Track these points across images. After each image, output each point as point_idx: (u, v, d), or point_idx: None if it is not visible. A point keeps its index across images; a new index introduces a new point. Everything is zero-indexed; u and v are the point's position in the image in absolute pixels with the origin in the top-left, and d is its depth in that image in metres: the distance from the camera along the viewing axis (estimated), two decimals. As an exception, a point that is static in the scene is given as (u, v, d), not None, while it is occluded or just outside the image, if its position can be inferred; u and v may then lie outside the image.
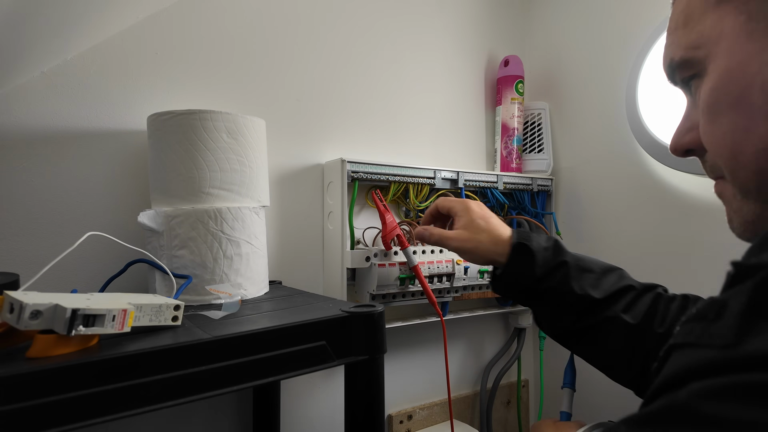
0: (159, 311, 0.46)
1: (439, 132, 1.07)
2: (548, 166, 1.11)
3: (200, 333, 0.45)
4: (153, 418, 0.73)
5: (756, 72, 0.28)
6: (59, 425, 0.35)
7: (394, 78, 1.00)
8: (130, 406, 0.38)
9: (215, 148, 0.62)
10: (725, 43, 0.30)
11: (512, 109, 1.09)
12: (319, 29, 0.90)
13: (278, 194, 0.85)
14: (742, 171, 0.31)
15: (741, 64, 0.29)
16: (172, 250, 0.60)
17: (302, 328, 0.49)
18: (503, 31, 1.18)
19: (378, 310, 0.53)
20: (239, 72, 0.81)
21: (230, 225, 0.62)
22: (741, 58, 0.29)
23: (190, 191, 0.61)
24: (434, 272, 0.89)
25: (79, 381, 0.36)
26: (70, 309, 0.37)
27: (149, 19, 0.73)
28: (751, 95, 0.29)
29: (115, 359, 0.38)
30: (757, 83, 0.28)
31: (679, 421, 0.17)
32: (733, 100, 0.30)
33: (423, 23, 1.04)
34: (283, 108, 0.86)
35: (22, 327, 0.37)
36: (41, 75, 0.66)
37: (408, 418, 0.99)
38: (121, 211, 0.71)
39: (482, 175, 1.01)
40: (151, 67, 0.74)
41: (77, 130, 0.68)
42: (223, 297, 0.57)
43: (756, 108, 0.29)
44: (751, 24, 0.29)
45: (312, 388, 0.88)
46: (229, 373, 0.44)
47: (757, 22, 0.28)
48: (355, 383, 0.53)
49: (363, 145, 0.95)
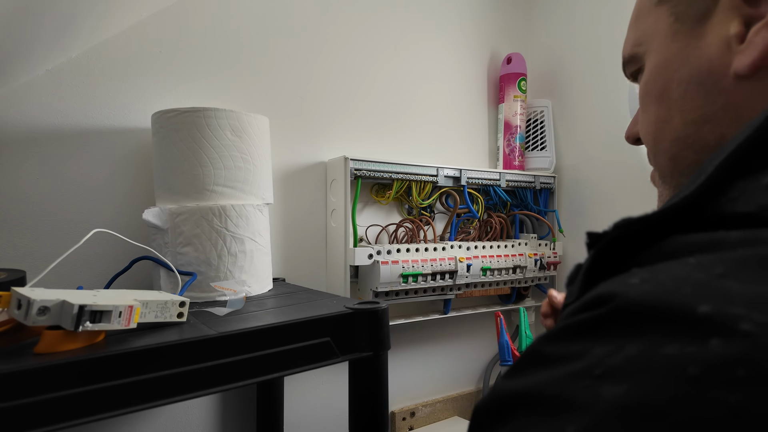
0: (164, 308, 0.46)
1: (442, 130, 1.07)
2: (551, 163, 1.11)
3: (205, 329, 0.45)
4: (158, 414, 0.73)
5: (676, 69, 0.31)
6: (66, 420, 0.35)
7: (397, 76, 1.00)
8: (136, 401, 0.39)
9: (219, 146, 0.62)
10: (657, 41, 0.33)
11: (515, 107, 1.09)
12: (322, 27, 0.90)
13: (282, 192, 0.85)
14: (662, 157, 0.34)
15: (666, 61, 0.32)
16: (176, 247, 0.60)
17: (307, 325, 0.49)
18: (506, 29, 1.18)
19: (382, 307, 0.53)
20: (243, 70, 0.82)
21: (234, 222, 0.62)
22: (666, 56, 0.32)
23: (194, 189, 0.61)
24: (437, 269, 0.89)
25: (86, 376, 0.37)
26: (77, 305, 0.38)
27: (153, 18, 0.73)
28: (671, 90, 0.32)
29: (122, 355, 0.39)
30: (676, 79, 0.31)
31: (527, 363, 0.20)
32: (658, 93, 0.33)
33: (426, 21, 1.04)
34: (287, 106, 0.86)
35: (29, 323, 0.37)
36: (46, 73, 0.66)
37: (411, 414, 0.99)
38: (125, 209, 0.71)
39: (485, 173, 1.01)
40: (156, 65, 0.74)
41: (82, 128, 0.69)
42: (227, 294, 0.57)
43: (673, 102, 0.31)
44: (677, 25, 0.31)
45: (316, 384, 0.88)
46: (234, 369, 0.44)
47: (682, 24, 0.31)
48: (359, 379, 0.54)
49: (366, 143, 0.96)
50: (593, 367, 0.17)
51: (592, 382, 0.17)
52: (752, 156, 0.21)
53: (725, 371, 0.15)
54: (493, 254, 0.98)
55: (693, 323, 0.16)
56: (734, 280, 0.17)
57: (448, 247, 0.93)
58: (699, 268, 0.18)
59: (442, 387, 1.05)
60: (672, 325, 0.17)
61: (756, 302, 0.16)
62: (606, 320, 0.18)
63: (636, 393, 0.16)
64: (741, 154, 0.21)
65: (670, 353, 0.16)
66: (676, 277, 0.18)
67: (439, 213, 1.02)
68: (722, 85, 0.28)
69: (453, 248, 0.94)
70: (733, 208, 0.21)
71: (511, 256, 1.00)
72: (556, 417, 0.17)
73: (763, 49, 0.26)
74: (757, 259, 0.17)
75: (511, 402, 0.19)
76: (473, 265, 0.94)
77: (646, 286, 0.18)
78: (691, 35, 0.30)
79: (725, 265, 0.18)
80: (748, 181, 0.21)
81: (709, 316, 0.16)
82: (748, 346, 0.15)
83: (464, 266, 0.92)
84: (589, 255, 0.24)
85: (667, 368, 0.16)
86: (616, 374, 0.17)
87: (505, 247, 1.01)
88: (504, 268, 0.99)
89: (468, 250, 0.96)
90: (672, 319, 0.17)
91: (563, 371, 0.18)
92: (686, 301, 0.17)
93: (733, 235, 0.19)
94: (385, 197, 0.92)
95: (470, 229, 1.02)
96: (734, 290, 0.16)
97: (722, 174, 0.22)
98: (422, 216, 0.96)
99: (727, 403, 0.14)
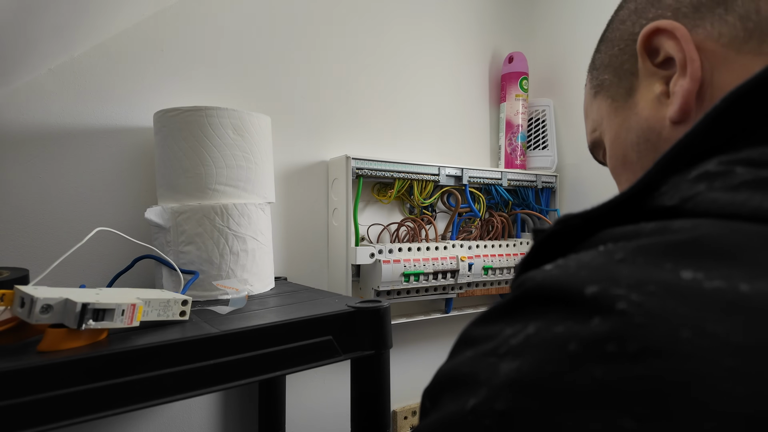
0: (167, 306, 0.47)
1: (444, 129, 1.07)
2: (552, 162, 1.11)
3: (208, 327, 0.45)
4: (160, 412, 0.73)
5: (625, 137, 0.36)
6: (70, 417, 0.36)
7: (399, 75, 1.00)
8: (139, 399, 0.39)
9: (221, 145, 0.62)
10: (606, 122, 0.38)
11: (516, 106, 1.09)
12: (323, 27, 0.90)
13: (283, 191, 0.86)
14: None
15: (616, 134, 0.37)
16: (178, 246, 0.61)
17: (309, 323, 0.49)
18: (507, 28, 1.18)
19: (384, 306, 0.54)
20: (245, 69, 0.82)
21: (236, 221, 0.62)
22: (616, 130, 0.37)
23: (196, 187, 0.61)
24: (438, 269, 0.89)
25: (89, 374, 0.37)
26: (81, 303, 0.38)
27: (155, 17, 0.73)
28: (629, 155, 0.36)
29: (124, 353, 0.39)
30: (629, 145, 0.35)
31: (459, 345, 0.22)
32: (621, 162, 0.37)
33: (427, 20, 1.04)
34: (289, 105, 0.86)
35: (33, 321, 0.37)
36: (48, 72, 0.66)
37: (412, 413, 0.99)
38: (128, 208, 0.71)
39: (486, 172, 1.01)
40: (158, 64, 0.74)
41: (84, 127, 0.69)
42: (230, 292, 0.57)
43: (635, 163, 0.35)
44: (615, 104, 0.36)
45: (318, 382, 0.88)
46: (236, 368, 0.44)
47: (617, 101, 0.36)
48: (360, 378, 0.54)
49: (368, 142, 0.96)
50: (499, 346, 0.19)
51: (495, 359, 0.19)
52: (687, 153, 0.23)
53: (597, 347, 0.16)
54: (495, 253, 0.98)
55: (581, 303, 0.17)
56: (628, 264, 0.18)
57: (450, 247, 0.93)
58: (604, 254, 0.19)
59: (444, 386, 1.05)
60: (565, 305, 0.18)
61: (637, 284, 0.17)
62: (517, 303, 0.20)
63: (524, 368, 0.17)
64: (677, 152, 0.23)
65: (558, 331, 0.17)
66: (581, 263, 0.19)
67: (441, 212, 1.02)
68: (663, 135, 0.32)
69: (454, 247, 0.94)
70: (662, 202, 0.22)
71: (513, 255, 1.00)
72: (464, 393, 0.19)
73: (684, 94, 0.30)
74: (659, 246, 0.18)
75: (441, 383, 0.21)
76: (475, 265, 0.94)
77: (555, 270, 0.20)
78: (628, 107, 0.35)
79: (625, 251, 0.19)
80: (680, 176, 0.22)
81: (594, 296, 0.17)
82: (619, 324, 0.16)
83: (466, 265, 0.92)
84: (530, 247, 0.26)
85: (553, 345, 0.17)
86: (514, 352, 0.18)
87: (506, 246, 1.01)
88: (506, 268, 0.99)
89: (470, 250, 0.96)
90: (566, 299, 0.18)
91: (478, 351, 0.20)
92: (579, 282, 0.18)
93: (648, 227, 0.20)
94: (386, 196, 0.92)
95: (472, 229, 1.02)
96: (623, 273, 0.18)
97: (659, 170, 0.23)
98: (424, 215, 0.96)
99: (593, 377, 0.15)
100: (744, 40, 0.28)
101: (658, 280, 0.17)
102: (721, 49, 0.29)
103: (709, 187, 0.21)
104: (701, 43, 0.29)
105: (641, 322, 0.16)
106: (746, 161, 0.20)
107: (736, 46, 0.28)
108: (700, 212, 0.20)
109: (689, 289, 0.16)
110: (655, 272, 0.17)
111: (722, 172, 0.21)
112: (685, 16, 0.30)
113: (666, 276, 0.17)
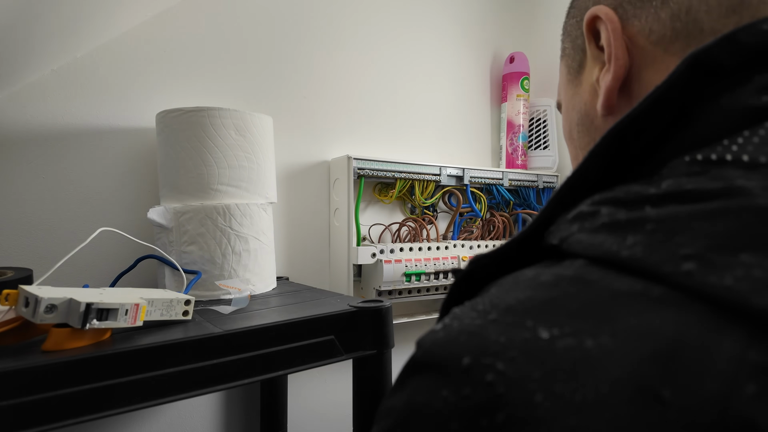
0: (170, 306, 0.47)
1: (445, 129, 1.07)
2: (554, 162, 1.11)
3: (211, 327, 0.45)
4: (163, 411, 0.73)
5: (570, 113, 0.35)
6: (73, 417, 0.36)
7: (400, 75, 1.00)
8: (142, 398, 0.39)
9: (223, 145, 0.62)
10: (562, 90, 0.38)
11: (518, 106, 1.09)
12: (324, 27, 0.90)
13: (285, 191, 0.86)
14: None
15: (566, 107, 0.36)
16: (181, 246, 0.61)
17: (311, 323, 0.49)
18: (508, 28, 1.18)
19: (385, 305, 0.54)
20: (247, 69, 0.82)
21: (238, 221, 0.62)
22: (566, 103, 0.36)
23: (198, 188, 0.62)
24: (440, 268, 0.89)
25: (92, 374, 0.37)
26: (85, 303, 0.38)
27: (158, 18, 0.74)
28: (572, 131, 0.35)
29: (128, 352, 0.39)
30: (573, 122, 0.35)
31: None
32: (567, 135, 0.37)
33: (428, 20, 1.04)
34: (290, 105, 0.87)
35: (37, 320, 0.37)
36: (52, 73, 0.67)
37: (414, 413, 0.99)
38: (130, 208, 0.71)
39: (488, 172, 1.01)
40: (160, 65, 0.74)
41: (87, 128, 0.69)
42: (232, 292, 0.57)
43: (575, 141, 0.35)
44: (569, 76, 0.36)
45: (320, 382, 0.89)
46: (239, 367, 0.44)
47: (570, 74, 0.35)
48: (362, 377, 0.54)
49: (369, 142, 0.96)
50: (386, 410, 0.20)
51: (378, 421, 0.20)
52: (572, 191, 0.24)
53: (473, 423, 0.16)
54: (496, 253, 0.98)
55: (458, 374, 0.18)
56: (499, 325, 0.18)
57: (451, 246, 0.93)
58: (481, 314, 0.20)
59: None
60: (444, 376, 0.18)
61: (502, 350, 0.17)
62: (408, 370, 0.21)
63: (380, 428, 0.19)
64: (565, 191, 0.24)
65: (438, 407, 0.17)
66: (462, 325, 0.20)
67: (442, 212, 1.02)
68: (595, 124, 0.32)
69: (456, 247, 0.94)
70: (550, 240, 0.23)
71: (514, 255, 1.00)
72: None
73: (606, 89, 0.30)
74: (525, 304, 0.19)
75: None
76: (476, 264, 0.94)
77: (441, 333, 0.20)
78: (576, 83, 0.35)
79: (498, 311, 0.19)
80: (565, 215, 0.23)
81: (468, 367, 0.17)
82: (489, 395, 0.16)
83: (467, 265, 0.92)
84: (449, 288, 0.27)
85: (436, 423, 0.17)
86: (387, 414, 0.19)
87: (507, 246, 1.01)
88: (507, 267, 0.99)
89: (471, 249, 0.96)
90: (444, 369, 0.18)
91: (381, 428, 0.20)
92: (457, 351, 0.18)
93: (527, 273, 0.21)
94: (388, 196, 0.92)
95: (473, 228, 1.02)
96: (491, 338, 0.18)
97: (551, 209, 0.24)
98: (425, 215, 0.96)
99: None
100: (671, 39, 0.27)
101: (519, 343, 0.17)
102: (650, 47, 0.28)
103: (580, 228, 0.21)
104: (634, 37, 0.29)
105: (503, 391, 0.16)
106: (611, 201, 0.21)
107: (664, 45, 0.28)
108: (572, 252, 0.21)
109: (544, 350, 0.16)
110: (518, 333, 0.17)
111: (591, 213, 0.21)
112: (629, 2, 0.29)
113: (526, 335, 0.17)
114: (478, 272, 0.25)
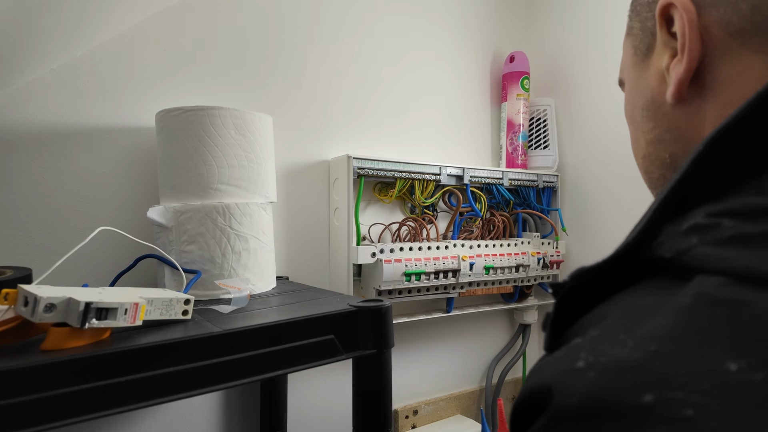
0: (170, 305, 0.47)
1: (445, 128, 1.07)
2: (554, 162, 1.11)
3: (210, 327, 0.45)
4: (162, 410, 0.73)
5: (634, 96, 0.35)
6: (72, 416, 0.36)
7: (400, 74, 1.00)
8: (141, 398, 0.39)
9: (223, 144, 0.62)
10: (626, 70, 0.37)
11: (518, 106, 1.09)
12: (325, 26, 0.90)
13: (285, 190, 0.86)
14: (639, 169, 0.38)
15: (630, 89, 0.36)
16: (181, 246, 0.61)
17: (311, 323, 0.49)
18: (509, 27, 1.18)
19: (385, 305, 0.54)
20: (247, 68, 0.82)
21: (238, 221, 0.62)
22: (630, 85, 0.36)
23: (198, 187, 0.61)
24: (440, 268, 0.89)
25: (92, 373, 0.37)
26: (84, 302, 0.38)
27: (157, 17, 0.74)
28: (635, 114, 0.35)
29: (127, 352, 0.39)
30: (637, 105, 0.35)
31: None
32: (629, 117, 0.37)
33: (428, 20, 1.04)
34: (290, 104, 0.86)
35: (36, 320, 0.37)
36: (51, 72, 0.66)
37: (414, 413, 0.99)
38: (130, 207, 0.71)
39: (488, 172, 1.01)
40: (160, 64, 0.74)
41: (87, 127, 0.69)
42: (232, 291, 0.57)
43: (638, 124, 0.35)
44: (635, 57, 0.35)
45: (319, 381, 0.89)
46: (238, 367, 0.44)
47: (637, 56, 0.35)
48: (362, 377, 0.54)
49: (369, 142, 0.96)
50: None
51: None
52: (676, 199, 0.23)
53: None
54: (496, 253, 0.98)
55: (643, 411, 0.16)
56: (663, 357, 0.17)
57: (451, 246, 0.93)
58: (634, 349, 0.18)
59: (445, 385, 1.06)
60: (621, 417, 0.17)
61: (690, 382, 0.16)
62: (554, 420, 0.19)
63: None
64: (669, 200, 0.23)
65: None
66: (616, 361, 0.18)
67: (442, 212, 1.02)
68: (662, 111, 0.32)
69: (456, 247, 0.94)
70: (660, 253, 0.22)
71: (514, 254, 1.00)
72: None
73: (676, 82, 0.29)
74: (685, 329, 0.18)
75: None
76: (476, 264, 0.94)
77: (592, 374, 0.18)
78: (643, 66, 0.34)
79: (655, 341, 0.18)
80: (674, 225, 0.23)
81: (652, 405, 0.16)
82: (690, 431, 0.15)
83: (467, 265, 0.92)
84: (553, 306, 0.26)
85: None
86: None
87: (507, 245, 1.01)
88: (507, 267, 0.99)
89: (471, 249, 0.96)
90: (623, 412, 0.17)
91: None
92: (629, 390, 0.17)
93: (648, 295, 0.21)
94: (388, 196, 0.92)
95: (473, 228, 1.02)
96: (665, 370, 0.17)
97: (656, 220, 0.23)
98: (425, 215, 0.96)
99: None
100: (750, 33, 0.27)
101: (707, 374, 0.16)
102: (727, 39, 0.27)
103: (700, 241, 0.21)
104: (709, 27, 0.28)
105: (714, 426, 0.15)
106: (731, 212, 0.21)
107: (742, 38, 0.27)
108: (694, 266, 0.20)
109: (741, 383, 0.16)
110: (697, 364, 0.17)
111: (710, 225, 0.21)
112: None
113: (710, 366, 0.16)
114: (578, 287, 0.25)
